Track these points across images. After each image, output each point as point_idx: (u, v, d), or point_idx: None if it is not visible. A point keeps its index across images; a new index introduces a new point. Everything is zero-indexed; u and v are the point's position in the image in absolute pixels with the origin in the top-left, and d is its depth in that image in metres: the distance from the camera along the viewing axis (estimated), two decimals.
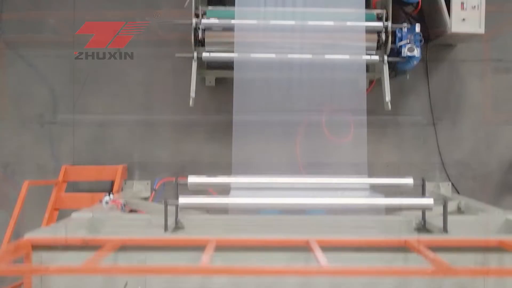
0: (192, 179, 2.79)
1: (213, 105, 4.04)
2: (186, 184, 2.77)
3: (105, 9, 4.01)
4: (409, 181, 2.80)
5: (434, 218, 2.65)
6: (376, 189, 2.96)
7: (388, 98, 3.53)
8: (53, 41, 4.03)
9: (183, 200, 2.59)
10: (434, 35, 3.87)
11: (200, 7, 3.51)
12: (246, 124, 3.48)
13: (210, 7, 3.57)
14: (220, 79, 3.94)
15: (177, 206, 2.60)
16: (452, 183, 4.01)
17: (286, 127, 3.68)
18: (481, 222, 2.75)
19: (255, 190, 2.91)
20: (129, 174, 4.03)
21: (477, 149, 4.07)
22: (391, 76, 3.67)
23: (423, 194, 2.75)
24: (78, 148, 4.05)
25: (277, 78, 3.58)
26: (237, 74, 3.45)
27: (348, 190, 2.95)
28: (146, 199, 3.82)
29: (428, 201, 2.63)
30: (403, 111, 4.03)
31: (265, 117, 3.52)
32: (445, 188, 3.98)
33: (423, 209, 2.69)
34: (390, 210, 2.83)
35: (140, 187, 4.00)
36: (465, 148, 4.07)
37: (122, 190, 3.91)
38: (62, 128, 4.05)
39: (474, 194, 3.87)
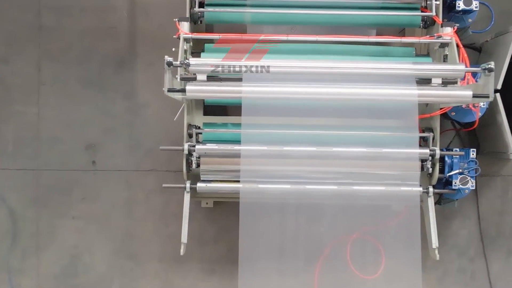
0: None
1: (211, 231, 3.30)
2: None
3: (74, 118, 3.28)
4: None
5: None
6: None
7: (435, 243, 2.75)
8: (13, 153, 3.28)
9: None
10: (486, 150, 3.11)
11: (194, 129, 2.74)
12: (254, 256, 2.77)
13: (206, 129, 2.80)
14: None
15: None
16: None
17: (304, 258, 2.99)
18: None
19: None
20: None
21: None
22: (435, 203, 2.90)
23: None
24: (44, 284, 3.28)
25: (294, 204, 2.83)
26: (243, 202, 2.67)
27: None
28: None
29: None
30: (446, 239, 3.27)
31: (278, 246, 2.88)
32: None
33: None
34: None
35: None
36: None
37: None
38: (24, 259, 3.28)
39: None
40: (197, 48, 2.79)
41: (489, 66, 2.22)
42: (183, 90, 2.32)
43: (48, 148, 3.27)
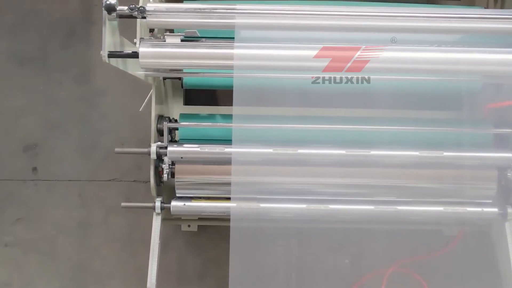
0: None
1: (194, 263, 2.53)
2: None
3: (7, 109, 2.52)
4: None
5: None
6: None
7: None
8: None
9: None
10: None
11: (166, 123, 1.92)
12: None
13: (182, 122, 1.97)
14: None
15: None
16: None
17: None
18: None
19: None
20: None
21: None
22: None
23: None
24: None
25: (309, 230, 2.14)
26: (236, 227, 1.88)
27: None
28: None
29: None
30: None
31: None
32: None
33: None
34: None
35: None
36: None
37: None
38: None
39: None
40: None
41: None
42: (133, 55, 1.48)
43: None
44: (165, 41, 1.61)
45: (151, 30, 1.74)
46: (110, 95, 2.55)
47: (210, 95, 2.39)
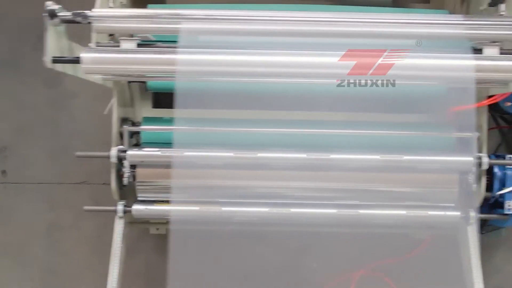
0: None
1: (164, 265, 2.42)
2: None
3: None
4: None
5: None
6: None
7: None
8: None
9: None
10: None
11: (126, 127, 1.91)
12: None
13: (145, 126, 1.96)
14: None
15: None
16: None
17: None
18: None
19: None
20: None
21: None
22: None
23: None
24: None
25: (272, 233, 2.08)
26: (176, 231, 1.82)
27: None
28: None
29: None
30: (486, 277, 2.39)
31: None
32: None
33: None
34: None
35: None
36: None
37: None
38: None
39: None
40: None
41: None
42: (75, 61, 1.47)
43: None
44: (119, 46, 1.60)
45: (111, 35, 1.72)
46: (80, 97, 2.52)
47: None
